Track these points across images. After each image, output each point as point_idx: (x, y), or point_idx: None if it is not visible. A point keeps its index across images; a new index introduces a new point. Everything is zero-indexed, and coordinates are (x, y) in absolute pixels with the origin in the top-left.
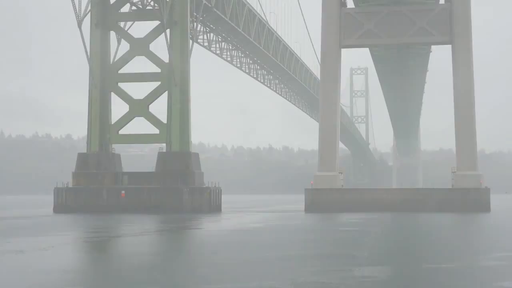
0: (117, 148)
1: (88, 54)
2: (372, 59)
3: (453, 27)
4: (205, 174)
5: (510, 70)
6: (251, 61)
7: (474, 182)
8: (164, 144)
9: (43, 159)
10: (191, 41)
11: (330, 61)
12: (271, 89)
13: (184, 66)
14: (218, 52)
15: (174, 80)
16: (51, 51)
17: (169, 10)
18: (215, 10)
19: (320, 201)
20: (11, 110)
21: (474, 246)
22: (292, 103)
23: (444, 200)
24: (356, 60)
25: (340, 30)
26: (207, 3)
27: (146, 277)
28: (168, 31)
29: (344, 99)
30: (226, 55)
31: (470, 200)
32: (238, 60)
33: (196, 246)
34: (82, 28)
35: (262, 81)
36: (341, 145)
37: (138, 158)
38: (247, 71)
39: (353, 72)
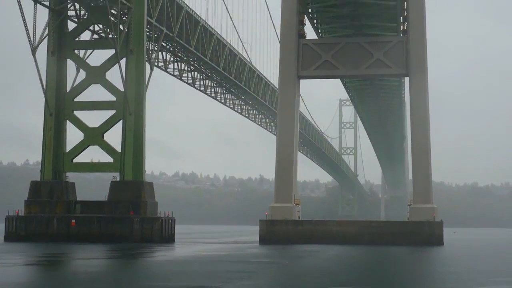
0: (101, 175)
1: (44, 82)
2: (346, 90)
3: (409, 60)
4: (192, 204)
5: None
6: (225, 91)
7: (429, 215)
8: (118, 173)
9: None
10: (149, 70)
11: (288, 91)
12: (249, 119)
13: (139, 95)
14: (190, 81)
15: (129, 109)
16: (29, 78)
17: (123, 38)
18: (177, 39)
19: (275, 233)
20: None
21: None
22: (274, 134)
23: (399, 233)
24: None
25: (298, 61)
26: (168, 32)
27: None
28: (125, 59)
29: (332, 131)
30: (199, 84)
31: (423, 233)
32: (212, 90)
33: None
34: (39, 55)
35: (239, 111)
36: (329, 177)
37: None
38: (222, 101)
39: (342, 103)
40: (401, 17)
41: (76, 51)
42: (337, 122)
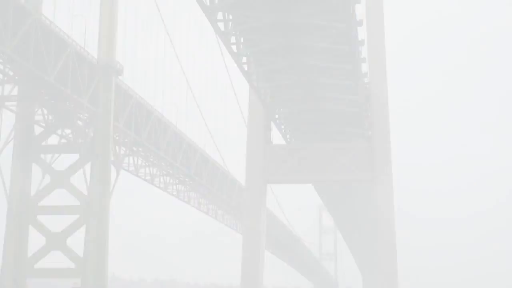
0: (64, 281)
1: (7, 187)
2: (317, 193)
3: (374, 165)
4: None
5: None
6: (199, 196)
7: None
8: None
9: None
10: (116, 174)
11: (255, 196)
12: (224, 224)
13: (104, 200)
14: (162, 186)
15: (92, 214)
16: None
17: (89, 143)
18: (145, 144)
19: None
20: None
21: None
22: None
23: None
24: None
25: (265, 166)
26: (136, 137)
27: None
28: (90, 163)
29: (312, 236)
30: (172, 189)
31: None
32: (185, 194)
33: None
34: (3, 159)
35: (213, 216)
36: (310, 284)
37: None
38: (196, 205)
39: (322, 208)
40: (366, 124)
41: (42, 156)
42: (317, 227)
